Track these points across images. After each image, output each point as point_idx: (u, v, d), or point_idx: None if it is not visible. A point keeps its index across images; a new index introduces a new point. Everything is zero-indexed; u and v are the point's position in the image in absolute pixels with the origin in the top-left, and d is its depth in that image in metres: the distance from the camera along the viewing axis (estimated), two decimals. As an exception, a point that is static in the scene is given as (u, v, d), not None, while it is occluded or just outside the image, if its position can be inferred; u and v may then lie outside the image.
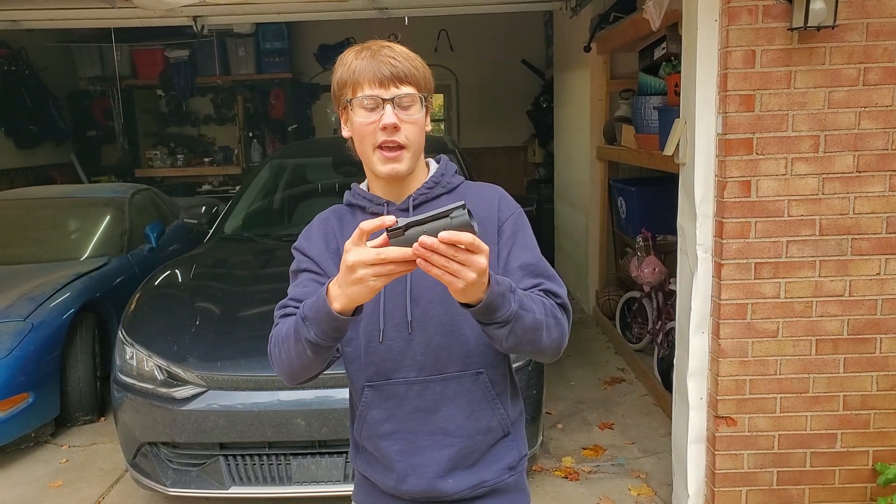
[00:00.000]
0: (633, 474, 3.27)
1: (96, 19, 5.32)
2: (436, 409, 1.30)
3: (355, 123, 1.26)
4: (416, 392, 1.29)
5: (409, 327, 1.28)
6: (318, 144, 6.37)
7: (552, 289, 1.25)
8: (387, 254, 1.00)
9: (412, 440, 1.31)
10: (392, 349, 1.29)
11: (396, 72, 1.22)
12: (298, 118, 8.65)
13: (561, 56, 6.61)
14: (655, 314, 4.30)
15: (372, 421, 1.32)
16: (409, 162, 1.26)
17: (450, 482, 1.32)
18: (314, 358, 1.17)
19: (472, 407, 1.31)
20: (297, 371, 1.23)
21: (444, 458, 1.31)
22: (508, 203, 1.35)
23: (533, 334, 1.15)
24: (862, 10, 2.40)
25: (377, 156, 1.25)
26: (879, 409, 2.63)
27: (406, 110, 1.23)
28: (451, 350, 1.28)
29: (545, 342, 1.18)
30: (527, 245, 1.31)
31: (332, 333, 1.12)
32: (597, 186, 5.28)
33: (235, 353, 2.88)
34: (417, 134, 1.26)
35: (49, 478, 3.46)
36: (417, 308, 1.27)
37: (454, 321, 1.27)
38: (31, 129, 7.44)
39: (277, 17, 5.71)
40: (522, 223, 1.33)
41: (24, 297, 3.85)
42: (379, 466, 1.36)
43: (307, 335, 1.12)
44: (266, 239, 4.02)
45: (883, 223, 2.53)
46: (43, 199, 5.24)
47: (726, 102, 2.47)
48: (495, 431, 1.35)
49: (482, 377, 1.31)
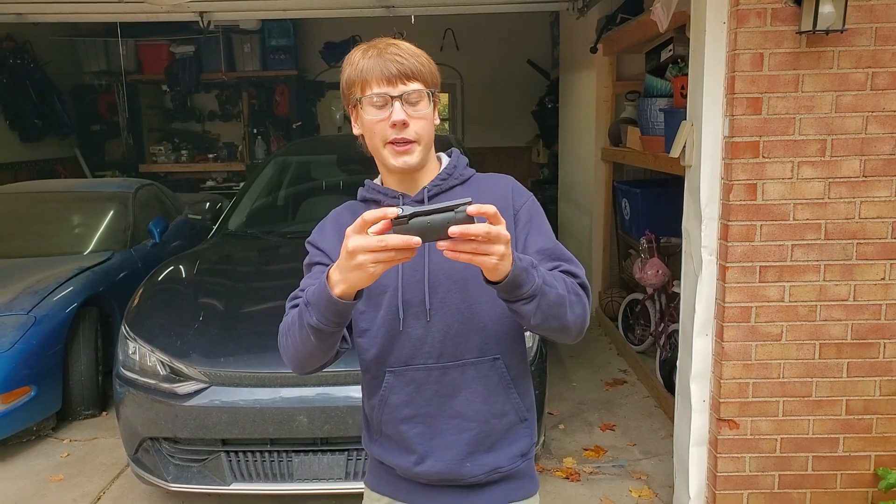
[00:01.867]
0: (634, 476, 3.27)
1: (103, 14, 5.33)
2: (454, 394, 1.34)
3: (365, 121, 1.29)
4: (434, 378, 1.33)
5: (427, 315, 1.31)
6: (324, 142, 6.37)
7: (571, 269, 1.29)
8: (388, 240, 1.02)
9: (432, 423, 1.35)
10: (411, 336, 1.32)
11: (403, 69, 1.25)
12: (303, 115, 8.65)
13: (567, 57, 6.60)
14: (658, 316, 4.29)
15: (393, 405, 1.35)
16: (420, 155, 1.29)
17: (468, 465, 1.35)
18: (318, 344, 1.20)
19: (488, 392, 1.35)
20: (303, 359, 1.27)
21: (462, 442, 1.35)
22: (521, 191, 1.39)
23: (558, 309, 1.19)
24: (871, 14, 2.40)
25: (388, 150, 1.28)
26: (882, 414, 2.63)
27: (414, 106, 1.26)
28: (468, 337, 1.32)
29: (569, 318, 1.22)
30: (542, 230, 1.35)
31: (333, 318, 1.14)
32: (601, 188, 5.27)
33: (238, 349, 2.88)
34: (427, 128, 1.29)
35: (50, 471, 3.47)
36: (436, 296, 1.30)
37: (472, 308, 1.31)
38: (36, 122, 7.45)
39: (283, 14, 5.72)
40: (537, 210, 1.37)
41: (27, 291, 3.85)
42: (396, 450, 1.39)
43: (310, 320, 1.16)
44: (270, 236, 4.02)
45: (888, 228, 2.52)
46: (47, 192, 5.26)
47: (733, 105, 2.47)
48: (510, 416, 1.38)
49: (499, 363, 1.35)
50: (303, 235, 3.72)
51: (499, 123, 8.61)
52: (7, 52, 7.12)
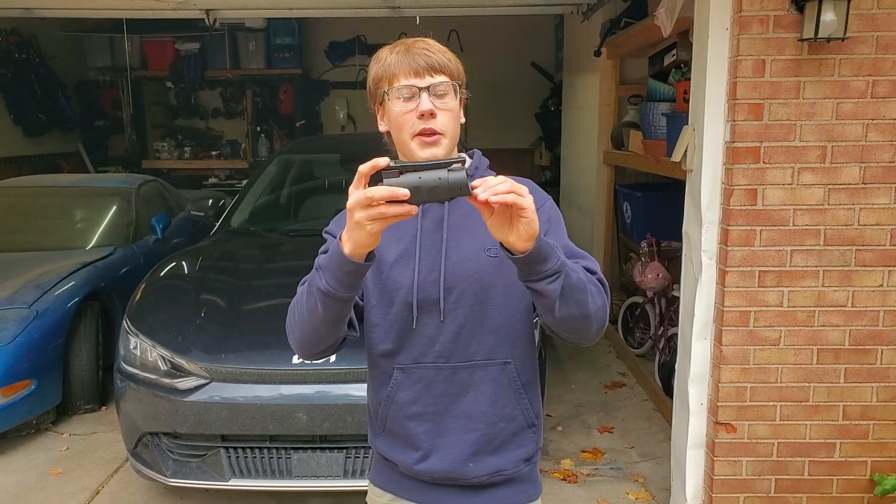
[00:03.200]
0: (631, 478, 3.28)
1: (109, 10, 5.33)
2: (462, 394, 1.34)
3: (392, 114, 1.28)
4: (443, 377, 1.33)
5: (441, 315, 1.31)
6: (327, 140, 6.38)
7: (589, 266, 1.27)
8: (372, 192, 1.03)
9: (438, 422, 1.35)
10: (423, 335, 1.32)
11: (431, 62, 1.26)
12: (307, 114, 8.67)
13: (570, 60, 6.61)
14: (658, 320, 4.30)
15: (400, 402, 1.36)
16: (446, 148, 1.28)
17: (471, 466, 1.36)
18: (324, 316, 1.20)
19: (497, 395, 1.35)
20: (308, 335, 1.26)
21: (467, 442, 1.35)
22: (539, 194, 1.38)
23: (580, 294, 1.17)
24: (872, 23, 2.41)
25: (416, 142, 1.27)
26: (879, 420, 2.64)
27: (441, 98, 1.26)
28: (480, 339, 1.32)
29: (591, 308, 1.19)
30: (560, 232, 1.35)
31: (343, 279, 1.14)
32: (603, 191, 5.28)
33: (239, 345, 2.89)
34: (453, 121, 1.29)
35: (49, 465, 3.48)
36: (450, 297, 1.31)
37: (485, 311, 1.31)
38: (40, 117, 7.47)
39: (289, 13, 5.72)
40: (555, 213, 1.37)
41: (29, 285, 3.87)
42: (400, 446, 1.39)
43: (319, 284, 1.16)
44: (272, 233, 4.03)
45: (887, 235, 2.53)
46: (50, 187, 5.26)
47: (735, 111, 2.48)
48: (518, 420, 1.38)
49: (509, 367, 1.35)
50: (305, 233, 3.74)
51: (502, 125, 8.61)
52: (12, 47, 7.13)
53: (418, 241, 1.33)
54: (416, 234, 1.33)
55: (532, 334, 1.38)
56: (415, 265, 1.31)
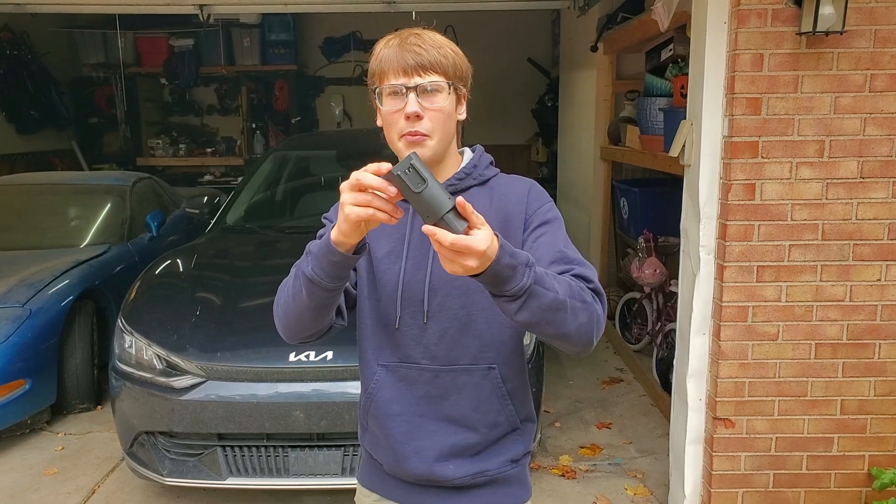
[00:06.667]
0: (629, 474, 3.28)
1: (102, 5, 5.30)
2: (444, 397, 1.32)
3: (382, 112, 1.26)
4: (426, 379, 1.31)
5: (424, 316, 1.29)
6: (323, 137, 6.35)
7: (583, 273, 1.21)
8: (362, 177, 1.02)
9: (418, 423, 1.33)
10: (406, 335, 1.30)
11: (420, 60, 1.21)
12: (302, 110, 8.63)
13: (567, 55, 6.60)
14: (655, 315, 4.30)
15: (381, 400, 1.34)
16: (432, 149, 1.24)
17: (451, 468, 1.33)
18: (308, 302, 1.18)
19: (479, 400, 1.32)
20: (292, 319, 1.24)
21: (447, 444, 1.32)
22: (538, 195, 1.34)
23: (553, 315, 1.10)
24: (871, 16, 2.40)
25: (403, 143, 1.24)
26: (876, 414, 2.64)
27: (430, 98, 1.22)
28: (464, 343, 1.29)
29: (570, 326, 1.13)
30: (556, 235, 1.28)
31: (328, 269, 1.13)
32: (600, 186, 5.27)
33: (235, 343, 2.88)
34: (442, 122, 1.24)
35: (44, 465, 3.46)
36: (435, 299, 1.28)
37: (470, 315, 1.29)
38: (33, 114, 7.42)
39: (284, 8, 5.69)
40: (553, 215, 1.32)
41: (22, 284, 3.84)
42: (382, 445, 1.37)
43: (305, 269, 1.15)
44: (268, 231, 4.01)
45: (885, 229, 2.53)
46: (43, 185, 5.23)
47: (733, 105, 2.47)
48: (502, 426, 1.35)
49: (494, 372, 1.32)
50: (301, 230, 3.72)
51: (498, 121, 8.59)
52: (4, 43, 7.08)
53: (407, 239, 1.31)
54: (405, 231, 1.31)
55: (520, 340, 1.35)
56: (402, 263, 1.30)
